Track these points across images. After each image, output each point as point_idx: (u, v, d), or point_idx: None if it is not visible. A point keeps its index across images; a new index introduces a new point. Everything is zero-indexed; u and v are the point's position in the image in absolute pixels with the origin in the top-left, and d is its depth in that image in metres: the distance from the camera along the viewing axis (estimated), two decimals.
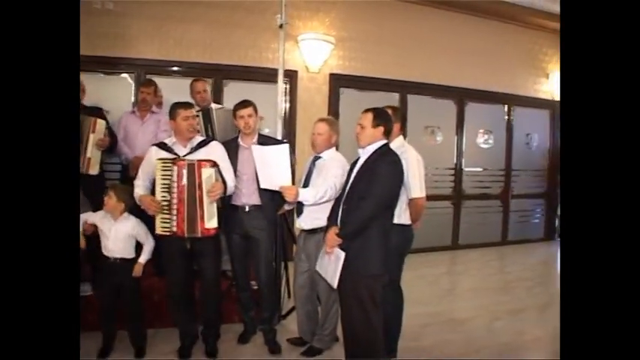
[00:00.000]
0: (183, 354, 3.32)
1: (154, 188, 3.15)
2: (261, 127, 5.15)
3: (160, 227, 3.12)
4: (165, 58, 5.53)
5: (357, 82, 6.18)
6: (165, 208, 3.08)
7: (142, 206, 3.13)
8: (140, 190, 3.18)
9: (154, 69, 5.51)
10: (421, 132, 6.86)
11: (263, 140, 3.44)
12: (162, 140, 3.40)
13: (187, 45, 5.57)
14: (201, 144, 3.26)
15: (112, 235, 3.26)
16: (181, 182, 3.06)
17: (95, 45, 5.14)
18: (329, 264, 2.80)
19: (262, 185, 3.16)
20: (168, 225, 3.10)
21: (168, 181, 3.07)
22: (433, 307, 4.54)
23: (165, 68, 5.57)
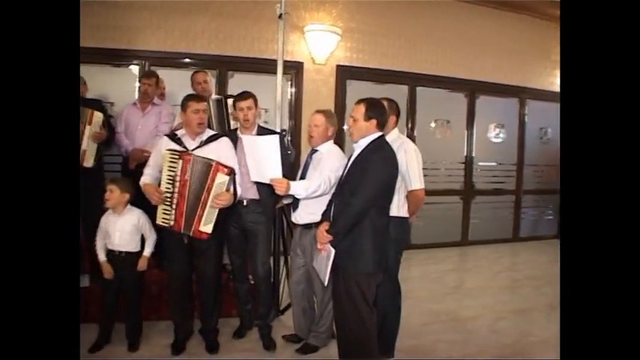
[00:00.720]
0: (177, 348, 3.29)
1: None
2: (267, 120, 5.12)
3: (161, 218, 3.10)
4: (171, 50, 5.50)
5: (365, 74, 6.09)
6: (168, 200, 3.05)
7: (145, 195, 3.10)
8: (147, 178, 3.15)
9: (160, 61, 5.50)
10: (430, 125, 6.76)
11: (262, 132, 3.37)
12: (173, 131, 3.40)
13: (193, 36, 5.55)
14: (211, 138, 3.21)
15: (118, 228, 3.25)
16: (184, 177, 3.02)
17: (101, 37, 5.18)
18: (321, 260, 2.74)
19: (252, 178, 3.08)
20: (168, 217, 3.08)
21: (173, 174, 3.04)
22: (436, 305, 4.45)
23: (171, 60, 5.54)
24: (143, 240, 3.34)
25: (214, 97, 4.26)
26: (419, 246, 6.36)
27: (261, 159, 2.94)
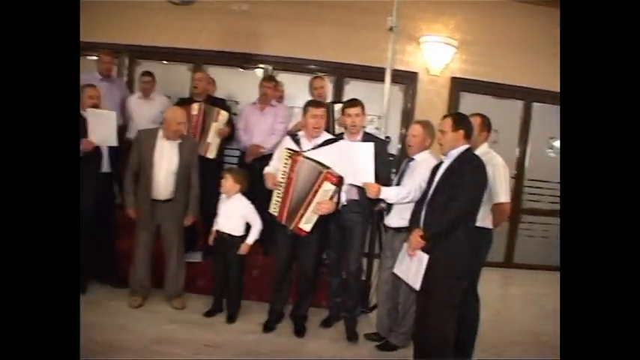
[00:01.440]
0: (268, 327, 3.65)
1: None
2: (379, 126, 5.33)
3: (272, 207, 3.46)
4: (293, 56, 5.92)
5: (479, 86, 6.02)
6: (279, 192, 3.40)
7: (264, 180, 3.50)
8: (270, 168, 3.56)
9: (283, 65, 5.96)
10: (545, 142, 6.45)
11: (367, 138, 3.58)
12: (295, 131, 3.79)
13: (314, 44, 5.91)
14: (327, 142, 3.50)
15: (223, 211, 3.72)
16: (291, 174, 3.33)
17: (232, 42, 5.76)
18: (411, 266, 2.88)
19: (347, 180, 3.32)
20: (276, 208, 3.43)
21: (285, 169, 3.37)
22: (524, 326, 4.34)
23: (293, 65, 5.96)
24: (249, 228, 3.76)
25: (329, 102, 4.55)
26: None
27: (356, 164, 3.18)
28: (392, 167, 4.01)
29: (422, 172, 3.19)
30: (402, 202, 3.20)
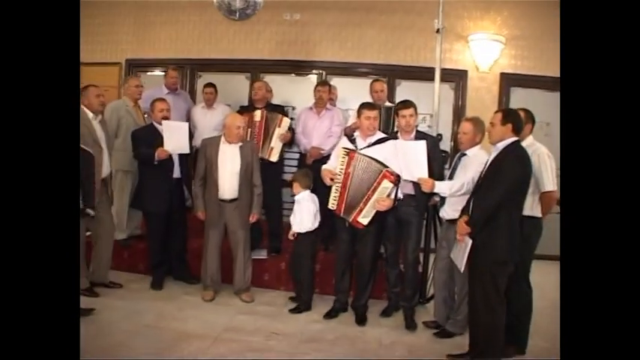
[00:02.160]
0: (331, 315, 3.92)
1: None
2: (431, 124, 5.49)
3: (330, 203, 3.74)
4: (344, 60, 6.19)
5: (529, 81, 6.03)
6: (337, 188, 3.68)
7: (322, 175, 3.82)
8: (328, 166, 3.86)
9: (335, 70, 6.22)
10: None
11: (420, 136, 3.79)
12: (351, 132, 4.06)
13: (364, 47, 6.15)
14: (380, 140, 3.75)
15: (297, 211, 4.06)
16: (348, 170, 3.62)
17: (285, 50, 6.10)
18: (459, 251, 3.07)
19: (403, 176, 3.54)
20: (334, 203, 3.71)
21: (342, 167, 3.66)
22: None
23: (344, 69, 6.22)
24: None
25: (387, 104, 4.73)
26: None
27: (411, 160, 3.41)
28: (444, 163, 4.16)
29: (474, 166, 3.35)
30: (455, 195, 3.39)
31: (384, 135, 3.86)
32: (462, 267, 3.02)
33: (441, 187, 3.42)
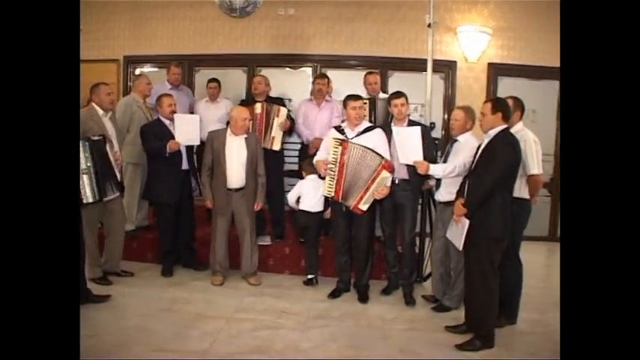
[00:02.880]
0: (335, 295, 4.19)
1: None
2: (422, 114, 5.73)
3: (326, 190, 4.00)
4: (338, 53, 6.43)
5: (516, 70, 6.30)
6: (331, 176, 3.92)
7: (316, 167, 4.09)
8: (319, 157, 4.09)
9: (329, 62, 6.46)
10: None
11: (411, 124, 4.06)
12: (338, 124, 4.26)
13: (357, 40, 6.39)
14: (367, 129, 4.00)
15: (305, 193, 4.41)
16: (342, 159, 3.87)
17: (280, 44, 6.34)
18: (456, 230, 3.33)
19: (400, 160, 3.83)
20: (330, 189, 3.95)
21: (335, 157, 3.90)
22: None
23: (338, 62, 6.46)
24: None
25: (382, 95, 4.95)
26: None
27: (406, 145, 3.68)
28: (437, 149, 4.41)
29: (465, 151, 3.61)
30: (448, 177, 3.67)
31: (370, 124, 4.15)
32: (460, 245, 3.28)
33: (435, 170, 3.70)
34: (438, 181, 3.85)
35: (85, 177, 3.37)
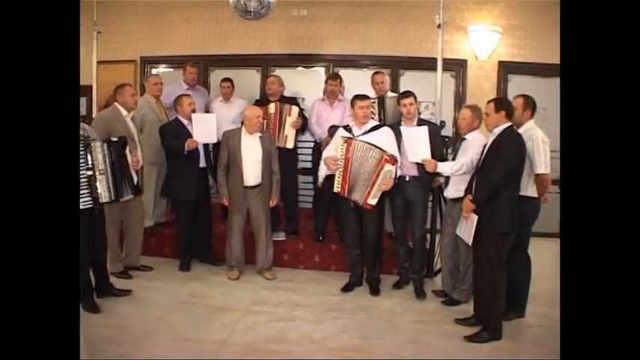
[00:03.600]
0: (347, 289, 4.32)
1: None
2: (434, 112, 5.82)
3: (335, 187, 4.12)
4: (350, 53, 6.55)
5: (526, 68, 6.36)
6: (339, 172, 4.06)
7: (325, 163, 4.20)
8: (328, 154, 4.21)
9: (341, 62, 6.59)
10: None
11: (421, 123, 4.16)
12: (347, 123, 4.38)
13: (369, 40, 6.50)
14: (374, 128, 4.13)
15: None
16: (348, 155, 4.02)
17: (294, 45, 6.49)
18: (466, 226, 3.45)
19: (409, 159, 3.96)
20: (338, 186, 4.10)
21: (342, 153, 4.05)
22: None
23: (350, 61, 6.58)
24: None
25: (390, 94, 5.04)
26: None
27: (414, 144, 3.84)
28: (447, 147, 4.51)
29: (472, 149, 3.72)
30: (456, 175, 3.78)
31: (377, 123, 4.27)
32: (469, 240, 3.40)
33: (443, 167, 3.82)
34: (447, 178, 3.96)
35: (102, 177, 3.54)
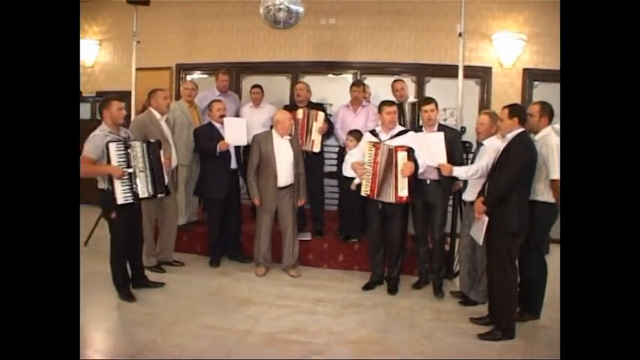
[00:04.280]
0: (368, 287, 4.50)
1: None
2: (458, 117, 5.97)
3: (364, 190, 4.30)
4: (377, 60, 6.76)
5: (550, 75, 6.36)
6: (367, 176, 4.24)
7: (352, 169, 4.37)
8: (354, 159, 4.39)
9: (368, 69, 6.79)
10: None
11: (441, 129, 4.34)
12: (373, 128, 4.57)
13: (395, 48, 6.70)
14: (400, 133, 4.31)
15: None
16: (376, 159, 4.19)
17: (322, 52, 6.73)
18: (478, 227, 3.60)
19: (427, 163, 4.12)
20: (367, 189, 4.27)
21: (370, 158, 4.22)
22: None
23: (377, 69, 6.77)
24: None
25: (411, 100, 5.24)
26: None
27: (432, 149, 4.05)
28: (468, 152, 4.65)
29: (488, 154, 3.85)
30: (472, 178, 3.95)
31: (403, 128, 4.44)
32: (480, 240, 3.55)
33: (459, 172, 4.01)
34: (466, 182, 4.12)
35: (141, 175, 3.90)
